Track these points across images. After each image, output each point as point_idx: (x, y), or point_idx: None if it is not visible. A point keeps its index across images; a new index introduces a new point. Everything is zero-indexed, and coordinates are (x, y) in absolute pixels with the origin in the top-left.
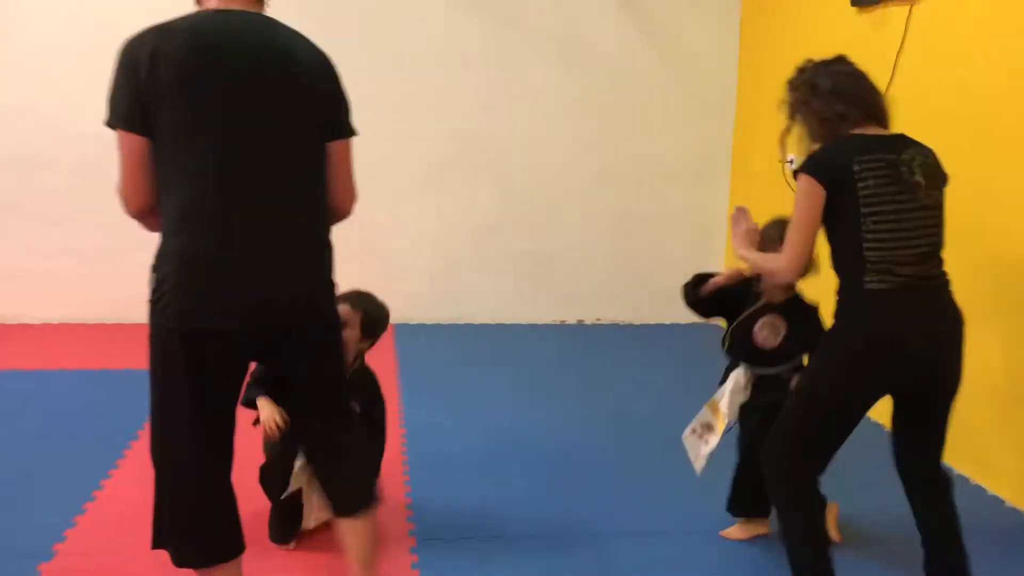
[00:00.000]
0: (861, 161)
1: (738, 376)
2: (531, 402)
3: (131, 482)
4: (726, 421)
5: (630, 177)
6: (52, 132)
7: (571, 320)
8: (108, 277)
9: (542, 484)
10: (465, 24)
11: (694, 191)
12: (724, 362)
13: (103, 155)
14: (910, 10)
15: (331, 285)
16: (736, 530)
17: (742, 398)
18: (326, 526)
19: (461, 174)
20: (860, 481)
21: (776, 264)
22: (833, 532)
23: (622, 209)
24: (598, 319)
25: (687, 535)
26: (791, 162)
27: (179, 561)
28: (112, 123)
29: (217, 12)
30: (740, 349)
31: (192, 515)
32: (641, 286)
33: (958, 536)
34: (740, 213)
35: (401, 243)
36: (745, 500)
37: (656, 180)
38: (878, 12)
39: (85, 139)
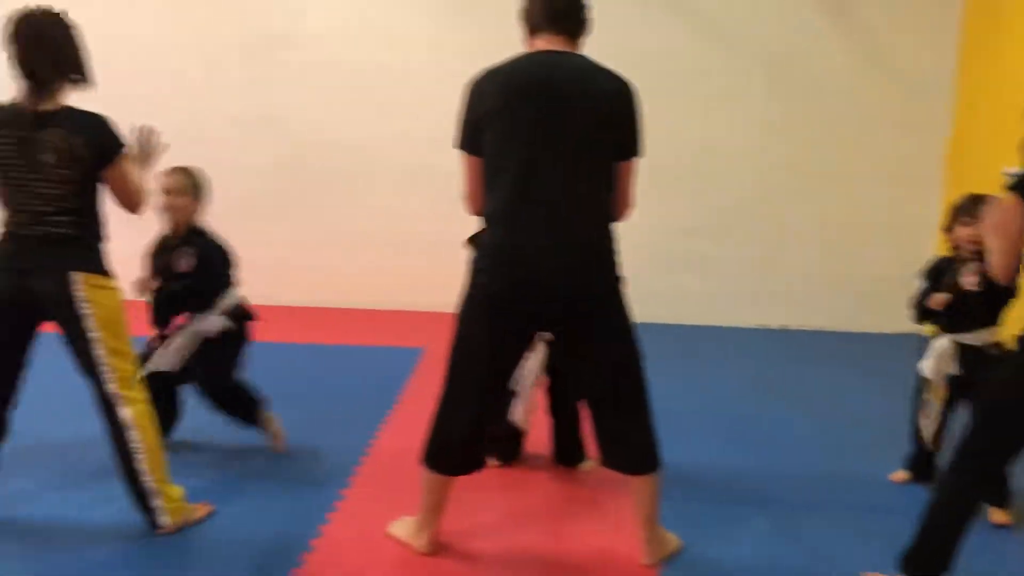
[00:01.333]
0: None
1: (941, 345)
2: (729, 396)
3: (399, 437)
4: (937, 390)
5: (836, 185)
6: (307, 141)
7: (774, 325)
8: (353, 268)
9: (731, 459)
10: (672, 36)
11: (901, 200)
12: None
13: (348, 162)
14: None
15: (606, 278)
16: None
17: (949, 368)
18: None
19: (669, 179)
20: None
21: (991, 268)
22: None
23: (828, 216)
24: (802, 325)
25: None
26: (1012, 174)
27: (428, 462)
28: (458, 145)
29: (535, 53)
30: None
31: (453, 436)
32: (846, 293)
33: None
34: (993, 204)
35: None
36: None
37: (862, 188)
38: None
39: (333, 147)
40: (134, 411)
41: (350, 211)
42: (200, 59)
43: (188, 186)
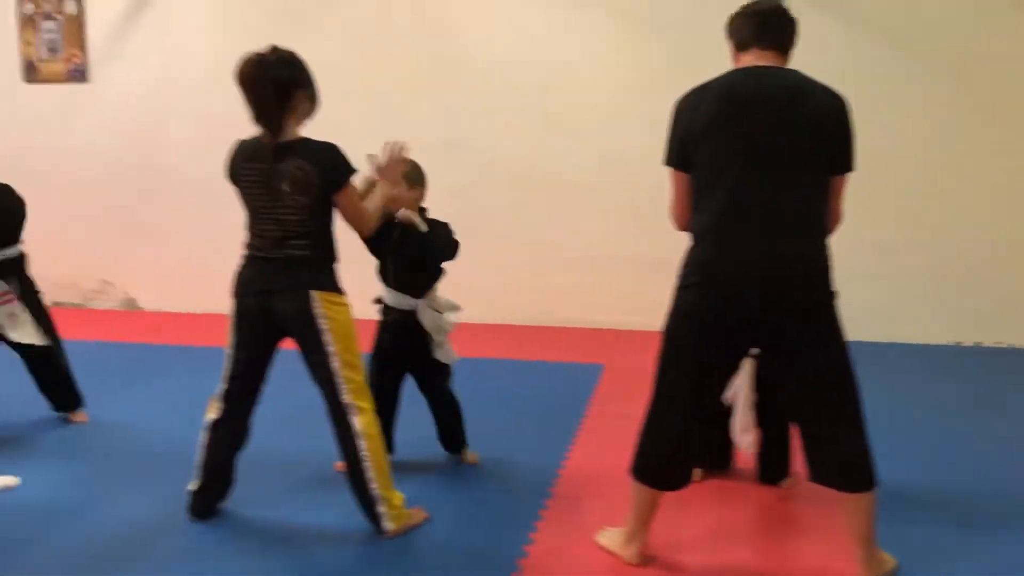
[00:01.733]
0: None
1: None
2: (930, 414)
3: (593, 450)
4: None
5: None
6: (488, 163)
7: (967, 342)
8: (531, 285)
9: (937, 479)
10: (850, 43)
11: None
12: None
13: (526, 182)
14: None
15: (819, 292)
16: None
17: None
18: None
19: (859, 190)
20: None
21: None
22: None
23: (1018, 229)
24: (998, 342)
25: None
26: None
27: (638, 475)
28: (667, 162)
29: (745, 68)
30: None
31: (663, 451)
32: None
33: None
34: None
35: None
36: None
37: None
38: None
39: (512, 169)
40: (363, 420)
41: (527, 230)
42: (386, 85)
43: (404, 176)
